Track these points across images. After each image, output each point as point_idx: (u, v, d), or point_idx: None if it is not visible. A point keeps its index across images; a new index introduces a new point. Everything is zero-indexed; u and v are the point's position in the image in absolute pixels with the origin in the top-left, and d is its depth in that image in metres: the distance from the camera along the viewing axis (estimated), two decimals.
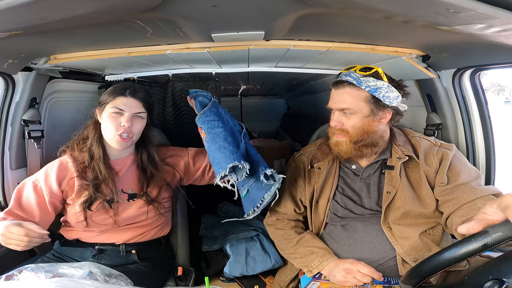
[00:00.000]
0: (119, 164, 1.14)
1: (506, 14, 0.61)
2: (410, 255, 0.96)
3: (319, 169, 1.14)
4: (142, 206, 1.13)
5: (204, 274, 1.61)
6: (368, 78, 1.00)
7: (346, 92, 1.02)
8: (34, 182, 1.08)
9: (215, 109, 1.15)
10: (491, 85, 13.62)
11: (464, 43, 0.94)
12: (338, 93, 1.04)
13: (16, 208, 1.05)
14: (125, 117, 1.06)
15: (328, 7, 0.77)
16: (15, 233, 0.91)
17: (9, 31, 0.79)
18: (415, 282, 0.65)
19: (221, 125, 1.10)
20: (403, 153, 1.04)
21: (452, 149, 1.04)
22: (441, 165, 1.00)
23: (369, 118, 1.01)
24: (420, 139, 1.09)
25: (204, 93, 1.21)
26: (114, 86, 1.12)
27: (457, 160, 1.02)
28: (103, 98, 1.10)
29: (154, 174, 1.16)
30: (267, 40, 1.10)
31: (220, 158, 1.01)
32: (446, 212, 0.97)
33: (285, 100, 4.23)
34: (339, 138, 1.05)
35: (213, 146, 1.05)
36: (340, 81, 1.04)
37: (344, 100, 1.02)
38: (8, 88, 1.22)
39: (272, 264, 1.54)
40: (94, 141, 1.10)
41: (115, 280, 0.89)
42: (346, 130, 1.03)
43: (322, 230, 1.11)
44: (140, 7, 0.73)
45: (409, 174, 1.04)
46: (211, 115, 1.13)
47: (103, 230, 1.11)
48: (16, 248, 0.93)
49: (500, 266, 0.57)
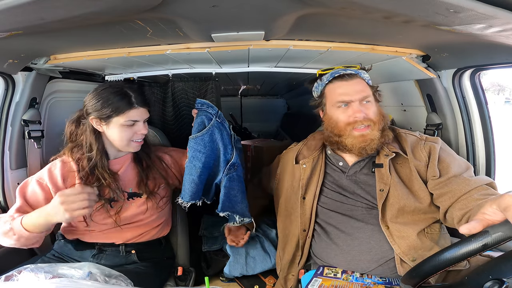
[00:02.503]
0: (118, 163, 1.14)
1: (506, 14, 0.61)
2: (408, 254, 0.96)
3: (304, 166, 1.14)
4: (141, 204, 1.14)
5: (204, 274, 1.61)
6: (361, 71, 1.08)
7: (358, 82, 1.04)
8: (38, 180, 1.07)
9: (207, 137, 1.13)
10: (491, 85, 13.62)
11: (464, 43, 0.94)
12: (352, 84, 1.04)
13: (25, 205, 1.04)
14: (140, 126, 1.09)
15: (328, 7, 0.77)
16: (72, 193, 0.90)
17: (9, 31, 0.79)
18: (415, 282, 0.65)
19: (203, 160, 1.12)
20: (390, 150, 1.04)
21: (438, 141, 1.04)
22: (430, 159, 1.01)
23: (378, 104, 1.07)
24: (406, 134, 1.10)
25: (209, 110, 1.16)
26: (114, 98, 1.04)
27: (445, 152, 1.02)
28: (104, 110, 1.04)
29: (150, 165, 1.17)
30: (267, 40, 1.10)
31: (187, 189, 1.13)
32: (443, 206, 0.97)
33: (285, 100, 4.23)
34: (365, 131, 1.01)
35: (187, 175, 1.13)
36: (347, 74, 1.05)
37: (362, 89, 1.03)
38: (8, 88, 1.22)
39: (272, 264, 1.54)
40: (98, 152, 1.07)
41: (115, 280, 0.88)
42: (371, 119, 1.02)
43: (314, 227, 1.11)
44: (140, 7, 0.73)
45: (398, 170, 1.04)
46: (200, 143, 1.13)
47: (103, 229, 1.12)
48: (83, 212, 0.90)
49: (500, 266, 0.57)
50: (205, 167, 1.13)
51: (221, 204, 1.14)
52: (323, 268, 1.04)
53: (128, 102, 1.05)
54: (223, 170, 1.14)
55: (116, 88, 1.07)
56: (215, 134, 1.14)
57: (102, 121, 1.06)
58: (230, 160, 1.15)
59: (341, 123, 1.04)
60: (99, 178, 1.07)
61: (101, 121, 1.06)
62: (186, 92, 1.65)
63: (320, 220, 1.11)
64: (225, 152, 1.15)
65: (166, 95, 1.68)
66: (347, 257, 1.03)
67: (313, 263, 1.14)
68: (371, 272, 1.00)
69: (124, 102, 1.05)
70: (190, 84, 1.65)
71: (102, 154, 1.08)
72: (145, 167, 1.17)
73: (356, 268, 1.01)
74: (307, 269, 1.14)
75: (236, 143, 1.19)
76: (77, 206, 0.89)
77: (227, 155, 1.15)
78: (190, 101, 1.66)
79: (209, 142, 1.13)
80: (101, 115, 1.05)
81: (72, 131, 1.11)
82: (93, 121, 1.07)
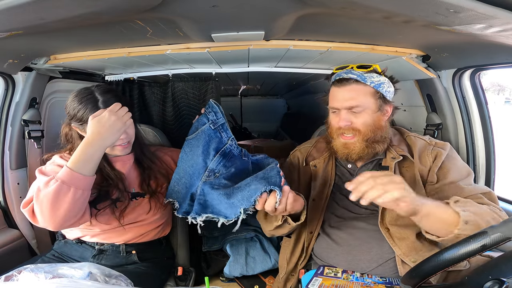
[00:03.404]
0: (121, 160, 1.14)
1: (506, 14, 0.61)
2: (409, 256, 0.96)
3: (315, 167, 1.13)
4: (144, 204, 1.14)
5: (204, 274, 1.62)
6: (371, 74, 1.00)
7: (352, 89, 0.99)
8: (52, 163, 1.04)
9: (194, 141, 1.15)
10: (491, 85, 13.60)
11: (464, 43, 0.94)
12: (344, 91, 1.00)
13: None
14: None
15: (328, 7, 0.77)
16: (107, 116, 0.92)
17: (9, 31, 0.79)
18: (415, 282, 0.65)
19: (187, 162, 1.15)
20: (397, 153, 1.03)
21: (446, 148, 1.03)
22: (434, 164, 1.00)
23: (378, 113, 1.01)
24: (415, 138, 1.08)
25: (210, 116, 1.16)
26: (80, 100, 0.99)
27: (449, 159, 1.01)
28: (76, 118, 1.00)
29: (151, 166, 1.17)
30: (267, 40, 1.10)
31: (172, 187, 1.13)
32: None
33: (285, 100, 4.23)
34: (348, 139, 1.01)
35: (175, 173, 1.15)
36: (344, 78, 1.00)
37: (352, 97, 0.99)
38: (8, 88, 1.22)
39: (272, 264, 1.54)
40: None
41: (115, 280, 0.88)
42: (357, 128, 1.00)
43: (319, 230, 1.11)
44: (140, 7, 0.73)
45: (403, 173, 1.03)
46: (187, 146, 1.16)
47: (105, 229, 1.11)
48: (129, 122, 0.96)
49: (500, 266, 0.57)
50: (186, 171, 1.14)
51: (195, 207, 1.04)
52: (323, 268, 1.04)
53: (92, 102, 0.99)
54: (200, 178, 1.11)
55: (86, 93, 1.01)
56: (200, 139, 1.15)
57: (79, 128, 1.03)
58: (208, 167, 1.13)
59: (332, 127, 1.05)
60: (106, 178, 1.07)
61: (79, 128, 1.03)
62: (186, 92, 1.65)
63: (324, 223, 1.11)
64: (205, 158, 1.14)
65: (166, 95, 1.68)
66: (347, 257, 1.03)
67: (313, 263, 1.14)
68: (371, 272, 1.00)
69: (91, 108, 0.98)
70: (190, 84, 1.65)
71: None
72: (147, 168, 1.17)
73: (356, 268, 1.01)
74: (307, 269, 1.14)
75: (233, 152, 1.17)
76: (124, 114, 0.96)
77: (207, 161, 1.14)
78: (190, 101, 1.66)
79: (194, 146, 1.15)
80: (76, 123, 1.02)
81: (67, 133, 1.10)
82: (76, 128, 1.04)
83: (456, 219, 0.79)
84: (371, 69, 1.00)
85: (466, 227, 0.77)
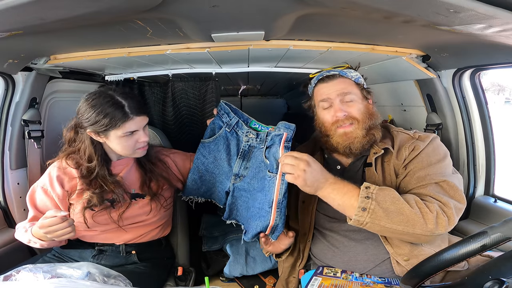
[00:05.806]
0: (121, 164, 1.14)
1: (506, 14, 0.61)
2: (401, 254, 0.95)
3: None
4: (144, 205, 1.14)
5: (204, 274, 1.62)
6: (349, 70, 1.07)
7: (340, 81, 1.04)
8: (42, 187, 1.08)
9: (213, 145, 1.16)
10: (491, 85, 13.60)
11: (464, 43, 0.94)
12: (332, 84, 1.04)
13: (38, 214, 1.06)
14: (140, 134, 1.05)
15: (328, 7, 0.77)
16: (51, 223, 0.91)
17: (9, 31, 0.79)
18: (414, 282, 0.66)
19: (205, 163, 1.17)
20: (379, 148, 1.03)
21: (425, 140, 0.99)
22: (408, 157, 0.98)
23: (365, 101, 1.06)
24: (398, 132, 1.07)
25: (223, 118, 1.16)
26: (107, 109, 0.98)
27: (425, 151, 0.97)
28: (98, 124, 0.99)
29: (152, 168, 1.17)
30: (267, 40, 1.10)
31: (188, 186, 1.19)
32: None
33: (285, 100, 4.23)
34: (347, 128, 1.01)
35: (190, 174, 1.19)
36: (328, 75, 1.05)
37: (343, 88, 1.03)
38: (8, 88, 1.22)
39: (272, 264, 1.54)
40: (98, 163, 1.06)
41: (113, 280, 0.88)
42: (354, 117, 1.01)
43: (313, 231, 1.11)
44: (140, 7, 0.73)
45: (384, 167, 1.03)
46: (206, 148, 1.18)
47: (104, 230, 1.11)
48: (68, 236, 0.93)
49: (500, 266, 0.57)
50: (208, 171, 1.17)
51: (226, 211, 1.13)
52: (322, 268, 1.04)
53: (122, 114, 0.99)
54: (229, 179, 1.13)
55: (108, 98, 1.00)
56: (220, 144, 1.16)
57: (100, 134, 1.02)
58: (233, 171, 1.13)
59: (326, 123, 1.05)
60: (101, 185, 1.07)
61: (99, 134, 1.02)
62: (186, 92, 1.65)
63: (317, 225, 1.11)
64: (230, 162, 1.15)
65: (166, 95, 1.68)
66: (344, 258, 1.02)
67: (312, 263, 1.14)
68: (370, 272, 1.00)
69: (118, 114, 0.99)
70: (190, 84, 1.65)
71: (102, 164, 1.07)
72: (148, 169, 1.16)
73: (354, 269, 1.01)
74: (307, 269, 1.14)
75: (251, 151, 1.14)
76: (61, 233, 0.91)
77: (232, 165, 1.14)
78: (190, 101, 1.66)
79: (214, 150, 1.16)
80: (96, 129, 1.01)
81: (71, 137, 1.09)
82: (91, 134, 1.03)
83: (356, 205, 0.86)
84: (347, 66, 1.08)
85: (363, 213, 0.85)
